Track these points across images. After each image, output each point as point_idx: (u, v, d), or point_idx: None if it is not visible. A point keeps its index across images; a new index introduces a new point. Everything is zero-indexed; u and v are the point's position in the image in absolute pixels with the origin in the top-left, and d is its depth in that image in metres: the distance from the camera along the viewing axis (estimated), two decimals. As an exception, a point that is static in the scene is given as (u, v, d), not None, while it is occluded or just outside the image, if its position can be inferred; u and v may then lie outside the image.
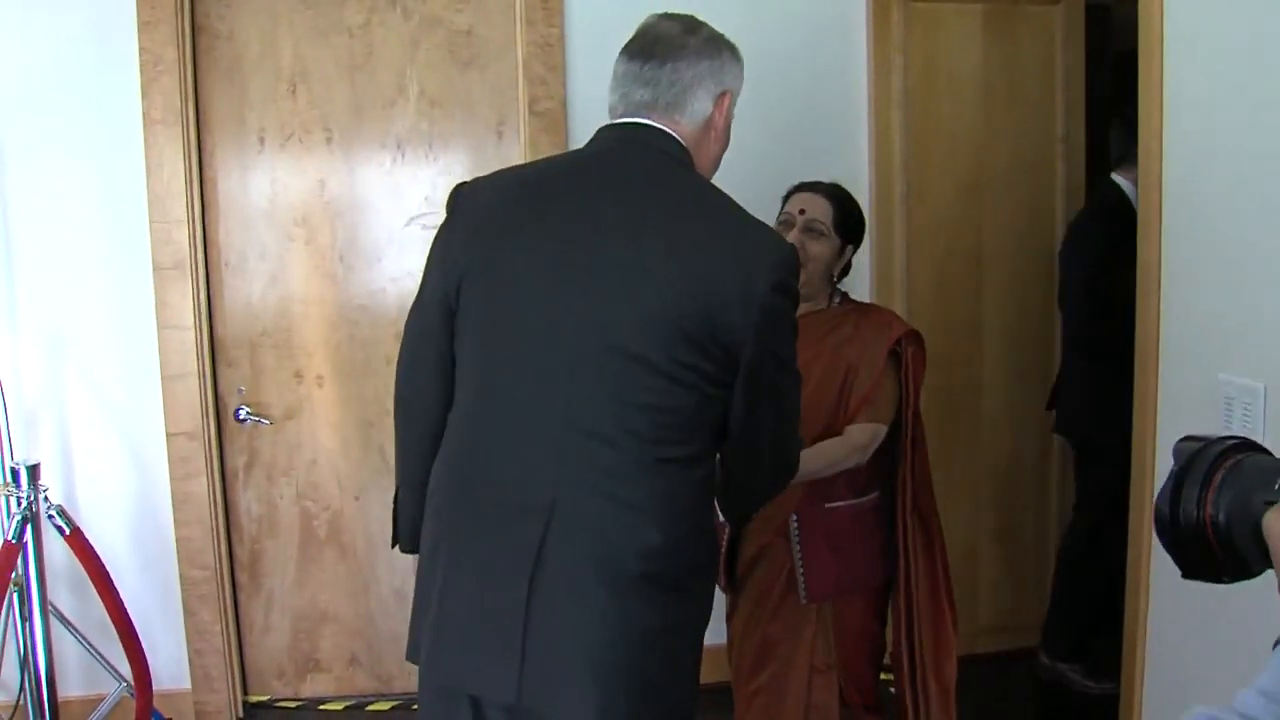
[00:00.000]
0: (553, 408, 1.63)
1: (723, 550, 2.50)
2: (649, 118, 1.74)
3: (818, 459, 2.27)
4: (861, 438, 2.32)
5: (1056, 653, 3.52)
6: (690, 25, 1.79)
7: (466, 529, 1.69)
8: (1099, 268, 3.23)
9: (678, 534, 1.66)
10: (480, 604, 1.65)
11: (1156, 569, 2.37)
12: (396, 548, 1.96)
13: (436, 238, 1.80)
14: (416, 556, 1.82)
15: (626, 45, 1.80)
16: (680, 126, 1.75)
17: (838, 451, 2.31)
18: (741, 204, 1.73)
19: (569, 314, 1.63)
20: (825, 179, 2.49)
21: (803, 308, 2.43)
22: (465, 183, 1.82)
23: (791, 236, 2.37)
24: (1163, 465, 2.33)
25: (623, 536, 1.62)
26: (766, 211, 2.42)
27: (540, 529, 1.61)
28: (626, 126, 1.75)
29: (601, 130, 1.79)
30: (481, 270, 1.70)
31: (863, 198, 3.21)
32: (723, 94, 1.78)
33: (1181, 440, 1.05)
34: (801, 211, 2.40)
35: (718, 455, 1.82)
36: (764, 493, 1.95)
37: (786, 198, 2.46)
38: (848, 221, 2.42)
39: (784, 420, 1.80)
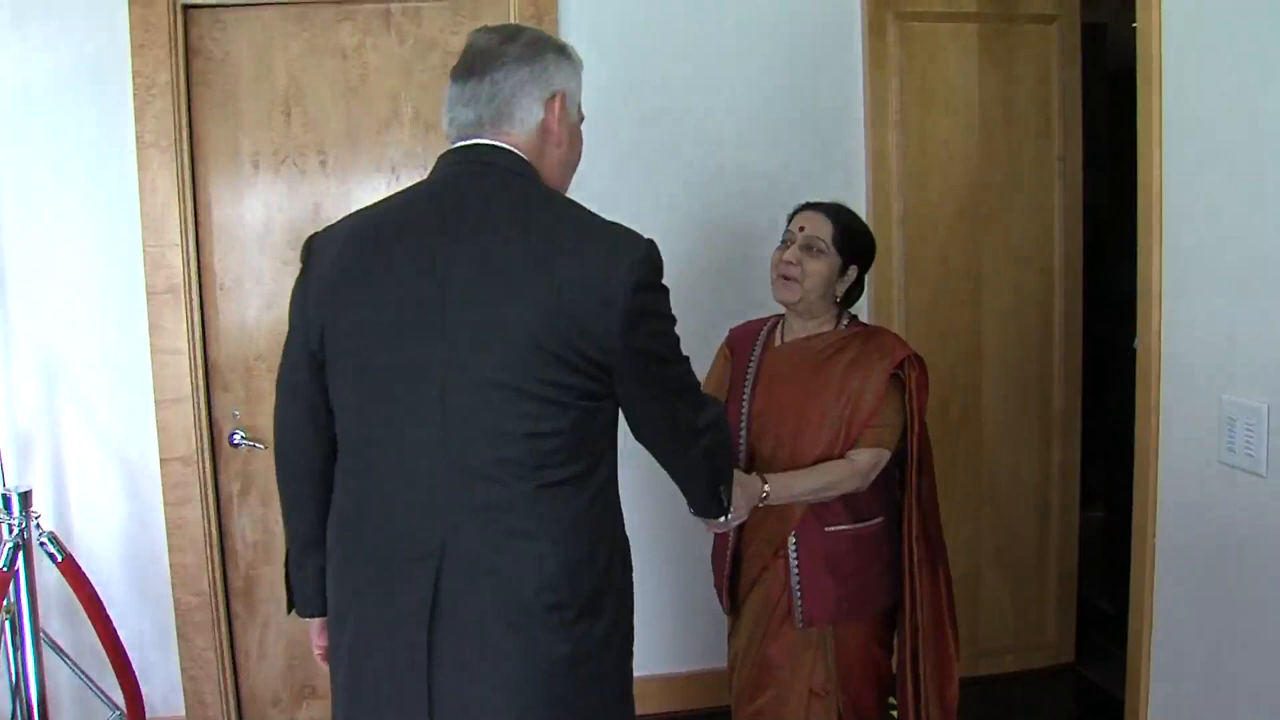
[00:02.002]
0: (429, 450, 1.59)
1: (726, 571, 2.50)
2: (479, 136, 1.67)
3: (815, 479, 2.27)
4: (864, 463, 2.31)
5: None
6: (509, 34, 1.71)
7: (365, 585, 1.66)
8: None
9: (577, 557, 1.61)
10: (386, 659, 1.62)
11: (1161, 576, 2.36)
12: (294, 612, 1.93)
13: (294, 291, 1.76)
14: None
15: (453, 68, 1.74)
16: (513, 138, 1.67)
17: (837, 474, 2.29)
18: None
19: (430, 352, 1.58)
20: (824, 200, 2.48)
21: (806, 329, 2.43)
22: (317, 233, 1.76)
23: (789, 253, 2.36)
24: (1165, 485, 2.33)
25: (518, 569, 1.58)
26: (765, 234, 2.41)
27: (433, 575, 1.58)
28: (462, 150, 1.69)
29: (439, 158, 1.73)
30: (340, 320, 1.66)
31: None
32: (552, 97, 1.69)
33: None
34: (801, 229, 2.38)
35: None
36: (710, 481, 1.87)
37: (791, 218, 2.45)
38: (849, 240, 2.39)
39: (684, 408, 1.72)
